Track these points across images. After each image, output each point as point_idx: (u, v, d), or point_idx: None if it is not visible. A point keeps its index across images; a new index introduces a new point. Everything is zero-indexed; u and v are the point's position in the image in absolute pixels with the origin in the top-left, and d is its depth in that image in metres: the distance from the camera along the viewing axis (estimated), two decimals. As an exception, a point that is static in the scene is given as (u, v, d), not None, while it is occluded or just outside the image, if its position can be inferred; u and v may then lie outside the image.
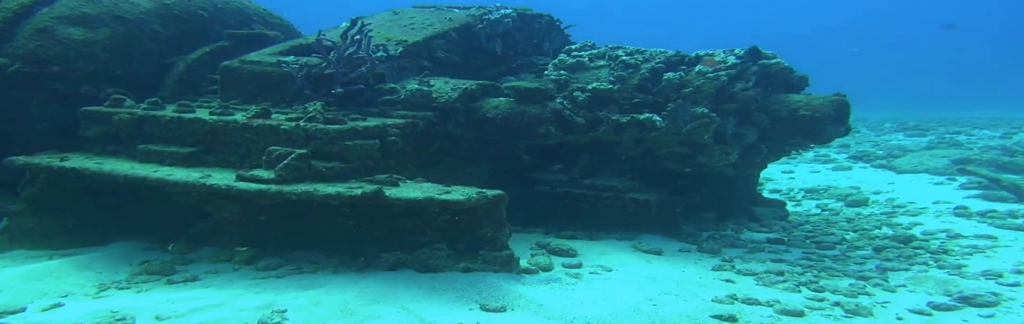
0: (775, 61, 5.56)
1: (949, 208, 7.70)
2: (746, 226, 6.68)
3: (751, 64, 5.52)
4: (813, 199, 8.82)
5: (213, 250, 4.91)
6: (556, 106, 5.17)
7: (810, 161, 12.41)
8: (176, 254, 4.83)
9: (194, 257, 4.80)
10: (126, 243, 5.14)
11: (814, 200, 8.73)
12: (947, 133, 15.98)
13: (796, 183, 10.04)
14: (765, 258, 5.36)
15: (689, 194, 7.18)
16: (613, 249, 5.34)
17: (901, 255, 5.56)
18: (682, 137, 5.46)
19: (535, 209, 6.05)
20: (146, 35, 5.85)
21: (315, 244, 4.76)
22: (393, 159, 4.87)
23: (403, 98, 5.14)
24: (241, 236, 4.81)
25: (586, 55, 6.19)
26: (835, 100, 5.40)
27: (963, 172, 9.75)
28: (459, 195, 3.97)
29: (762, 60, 5.53)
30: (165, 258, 4.73)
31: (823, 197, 8.87)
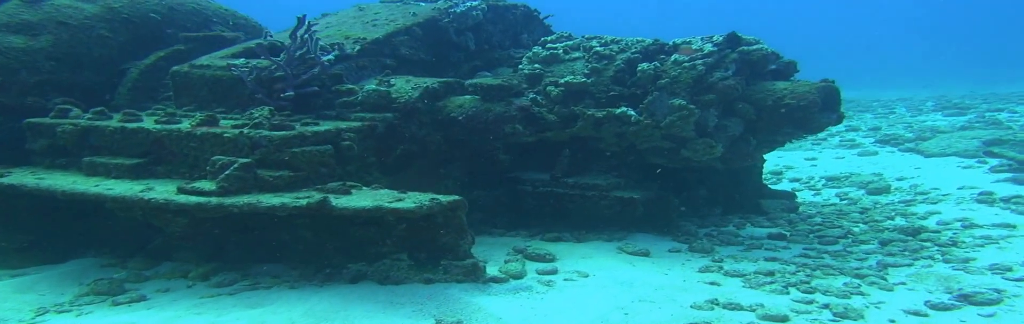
0: (756, 47, 5.41)
1: (973, 194, 7.51)
2: (751, 220, 6.56)
3: (730, 51, 5.38)
4: (834, 187, 8.67)
5: (173, 265, 4.86)
6: (523, 103, 5.07)
7: (835, 146, 12.16)
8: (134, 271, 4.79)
9: (151, 274, 4.71)
10: (85, 260, 5.07)
11: (835, 188, 8.58)
12: (988, 111, 15.53)
13: (818, 170, 9.85)
14: (759, 256, 5.22)
15: (695, 188, 7.12)
16: (596, 252, 5.23)
17: (907, 249, 5.41)
18: (663, 131, 5.34)
19: (521, 210, 5.97)
20: (94, 41, 5.76)
21: (279, 256, 4.68)
22: (352, 164, 4.77)
23: (361, 99, 5.04)
24: (198, 250, 4.75)
25: (561, 47, 6.07)
26: (822, 86, 5.25)
27: (989, 154, 9.55)
28: (411, 203, 3.87)
29: (742, 47, 5.40)
30: (121, 276, 4.64)
31: (844, 185, 8.72)
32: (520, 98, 5.15)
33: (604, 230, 5.88)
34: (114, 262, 4.99)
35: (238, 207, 3.87)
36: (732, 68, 5.33)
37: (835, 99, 5.38)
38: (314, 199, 3.84)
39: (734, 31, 5.47)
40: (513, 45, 6.91)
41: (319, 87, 5.17)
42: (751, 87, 5.44)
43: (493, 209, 6.01)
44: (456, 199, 4.08)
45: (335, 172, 4.58)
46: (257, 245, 4.68)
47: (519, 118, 5.01)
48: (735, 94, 5.26)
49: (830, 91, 5.30)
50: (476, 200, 5.86)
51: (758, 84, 5.45)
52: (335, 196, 4.07)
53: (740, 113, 5.36)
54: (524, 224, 5.97)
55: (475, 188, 5.90)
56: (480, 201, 5.91)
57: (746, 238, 5.91)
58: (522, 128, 5.02)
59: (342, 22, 6.29)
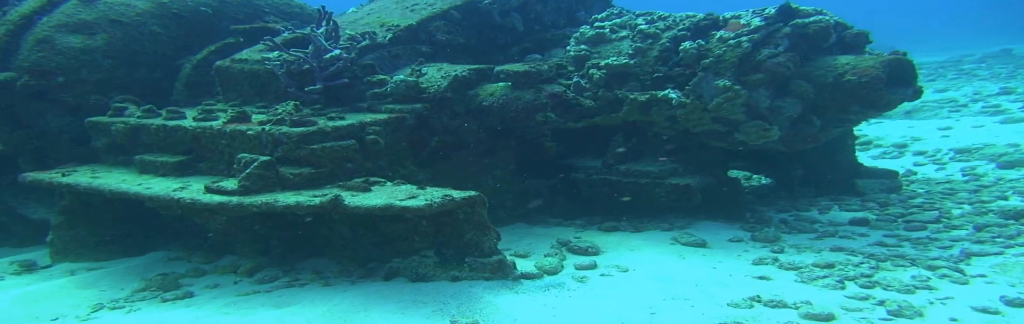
0: (813, 19, 4.98)
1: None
2: (842, 202, 6.21)
3: (781, 25, 4.98)
4: (962, 161, 8.08)
5: (232, 259, 5.02)
6: (555, 90, 4.88)
7: (976, 113, 11.30)
8: (196, 264, 4.99)
9: (211, 268, 4.89)
10: (160, 253, 5.32)
11: (963, 162, 7.99)
12: None
13: (949, 142, 9.17)
14: (826, 246, 4.87)
15: (790, 168, 6.79)
16: (647, 243, 5.03)
17: (1002, 235, 4.92)
18: (711, 114, 5.05)
19: (578, 198, 5.84)
20: (146, 37, 5.91)
21: (325, 251, 4.79)
22: (383, 159, 4.74)
23: (390, 91, 4.99)
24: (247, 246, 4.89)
25: (608, 25, 5.81)
26: (889, 60, 4.80)
27: None
28: (422, 200, 3.81)
29: (796, 19, 4.99)
30: (182, 270, 4.83)
31: (974, 158, 8.10)
32: (551, 84, 4.96)
33: (666, 218, 5.68)
34: (182, 255, 5.20)
35: (256, 206, 3.91)
36: (784, 43, 4.94)
37: (908, 73, 4.92)
38: (327, 198, 3.83)
39: (788, 2, 5.06)
40: (569, 24, 6.67)
41: (350, 78, 5.15)
42: (810, 63, 5.04)
43: (550, 198, 5.90)
44: (472, 195, 3.99)
45: (363, 167, 4.56)
46: (301, 240, 4.76)
47: (550, 106, 4.84)
48: (787, 72, 4.88)
49: (900, 64, 4.84)
50: (530, 189, 5.79)
51: (818, 60, 5.04)
52: (353, 193, 4.06)
53: (797, 92, 4.99)
54: (584, 212, 5.85)
55: (528, 177, 5.81)
56: (535, 190, 5.83)
57: (825, 224, 5.56)
58: (555, 116, 4.85)
59: (384, 8, 6.22)
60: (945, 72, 18.75)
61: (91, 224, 5.21)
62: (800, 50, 5.01)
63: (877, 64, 4.74)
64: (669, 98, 5.03)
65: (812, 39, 5.01)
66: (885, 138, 10.23)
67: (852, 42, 5.22)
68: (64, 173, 5.06)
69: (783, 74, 4.89)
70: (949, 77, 17.45)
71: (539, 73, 4.86)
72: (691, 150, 5.63)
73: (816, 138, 5.09)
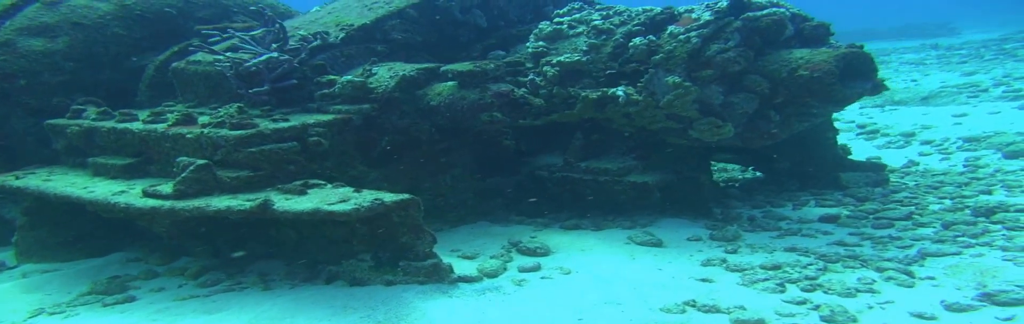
0: (765, 12, 4.91)
1: None
2: (822, 197, 6.18)
3: (732, 19, 4.93)
4: (969, 150, 7.96)
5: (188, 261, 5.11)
6: (502, 88, 4.88)
7: (995, 99, 11.03)
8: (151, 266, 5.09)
9: (164, 270, 4.94)
10: (122, 254, 5.39)
11: (969, 152, 7.88)
12: None
13: (961, 130, 9.00)
14: (783, 245, 4.86)
15: (776, 162, 6.77)
16: (602, 243, 5.01)
17: (966, 233, 4.84)
18: (664, 111, 5.03)
19: (545, 196, 5.87)
20: (109, 39, 5.97)
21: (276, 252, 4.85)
22: (329, 160, 4.77)
23: (337, 91, 5.04)
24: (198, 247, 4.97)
25: (566, 21, 5.80)
26: (844, 54, 4.72)
27: None
28: (351, 204, 3.84)
29: (747, 13, 4.94)
30: (137, 271, 4.91)
31: (981, 147, 7.98)
32: (498, 83, 4.96)
33: (631, 215, 5.66)
34: (142, 257, 5.27)
35: (188, 211, 3.97)
36: (735, 38, 4.88)
37: (866, 66, 4.84)
38: (256, 202, 3.89)
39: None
40: (536, 19, 6.62)
41: (301, 79, 5.19)
42: (765, 58, 4.98)
43: (516, 196, 5.92)
44: (404, 198, 4.01)
45: (307, 169, 4.59)
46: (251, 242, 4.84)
47: (497, 105, 4.84)
48: (737, 68, 4.83)
49: (855, 58, 4.76)
50: (492, 187, 5.82)
51: (774, 54, 4.97)
52: (287, 197, 4.10)
53: (751, 88, 4.93)
54: (553, 210, 5.86)
55: (491, 175, 5.83)
56: (499, 188, 5.85)
57: (793, 221, 5.52)
58: (501, 115, 4.85)
59: (345, 7, 6.23)
60: (984, 52, 18.34)
61: (54, 225, 5.30)
62: (753, 44, 4.95)
63: (830, 58, 4.67)
64: (616, 96, 5.02)
65: (765, 33, 4.95)
66: (894, 126, 10.07)
67: (812, 35, 5.15)
68: (17, 176, 5.18)
69: (734, 69, 4.84)
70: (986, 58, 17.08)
71: (484, 72, 4.86)
72: (653, 146, 5.62)
73: (773, 134, 5.04)
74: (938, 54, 19.83)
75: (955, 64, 16.86)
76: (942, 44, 22.61)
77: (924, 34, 28.21)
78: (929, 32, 28.73)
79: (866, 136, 9.92)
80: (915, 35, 28.39)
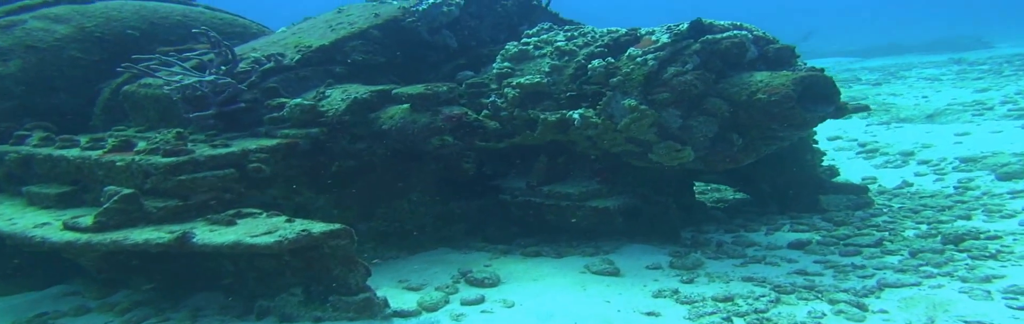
0: (726, 35, 4.78)
1: None
2: (798, 221, 6.02)
3: (691, 41, 4.80)
4: (964, 171, 7.76)
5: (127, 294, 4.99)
6: (453, 112, 4.77)
7: (1000, 117, 10.81)
8: (88, 300, 4.97)
9: (96, 305, 4.78)
10: (63, 287, 5.23)
11: (964, 173, 7.68)
12: None
13: (960, 149, 8.81)
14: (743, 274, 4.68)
15: (757, 184, 6.64)
16: (557, 272, 4.85)
17: (932, 262, 4.67)
18: (623, 134, 4.89)
19: (510, 220, 5.73)
20: (65, 63, 5.90)
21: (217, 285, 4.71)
22: (274, 187, 4.66)
23: (287, 115, 4.95)
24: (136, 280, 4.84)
25: (533, 42, 5.70)
26: (802, 77, 4.57)
27: None
28: (274, 236, 3.70)
29: (707, 35, 4.81)
30: (68, 307, 4.76)
31: (976, 168, 7.78)
32: (451, 106, 4.85)
33: (596, 241, 5.52)
34: (79, 290, 5.16)
35: (105, 245, 3.85)
36: (694, 61, 4.75)
37: (827, 89, 4.69)
38: (174, 236, 3.78)
39: (699, 18, 4.87)
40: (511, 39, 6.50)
41: (252, 102, 5.11)
42: (726, 80, 4.84)
43: (480, 220, 5.79)
44: (334, 229, 3.87)
45: (247, 197, 4.49)
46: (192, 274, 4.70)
47: (449, 128, 4.73)
48: (694, 91, 4.69)
49: (815, 81, 4.62)
50: (455, 211, 5.69)
51: (735, 77, 4.84)
52: (213, 228, 3.99)
53: (710, 111, 4.79)
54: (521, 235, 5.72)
55: (454, 199, 5.70)
56: (462, 212, 5.72)
57: (762, 247, 5.36)
58: (453, 140, 4.73)
59: (311, 27, 6.17)
60: (1005, 68, 18.08)
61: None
62: (713, 67, 4.82)
63: (788, 82, 4.52)
64: (571, 119, 4.89)
65: (726, 55, 4.81)
66: (895, 145, 9.90)
67: (776, 57, 5.01)
68: (-51, 205, 5.09)
69: (692, 92, 4.71)
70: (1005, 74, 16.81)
71: (436, 95, 4.75)
72: (618, 170, 5.47)
73: (736, 158, 4.89)
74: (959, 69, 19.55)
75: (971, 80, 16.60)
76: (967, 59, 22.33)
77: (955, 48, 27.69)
78: (961, 46, 28.20)
79: (866, 155, 9.75)
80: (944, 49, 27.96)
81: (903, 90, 16.13)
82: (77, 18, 6.19)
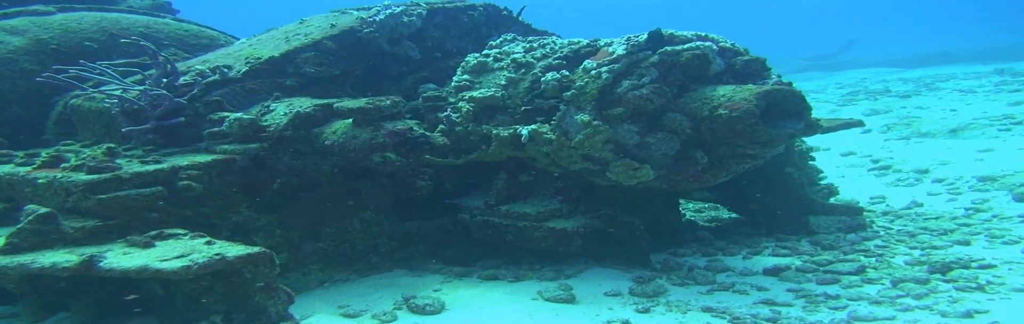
0: (687, 46, 4.61)
1: None
2: (784, 244, 5.80)
3: (651, 53, 4.63)
4: (980, 191, 7.49)
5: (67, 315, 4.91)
6: (398, 127, 4.63)
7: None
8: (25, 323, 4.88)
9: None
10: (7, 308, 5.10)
11: (980, 192, 7.41)
12: None
13: (981, 167, 8.54)
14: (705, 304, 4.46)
15: (747, 204, 6.43)
16: (507, 298, 4.67)
17: (913, 293, 4.41)
18: (578, 151, 4.72)
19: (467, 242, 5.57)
20: (17, 75, 5.93)
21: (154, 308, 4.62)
22: (207, 205, 4.54)
23: (226, 130, 4.85)
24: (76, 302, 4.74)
25: (493, 53, 5.57)
26: (766, 92, 4.37)
27: None
28: (184, 261, 3.59)
29: (666, 47, 4.63)
30: None
31: (993, 188, 7.50)
32: (396, 121, 4.71)
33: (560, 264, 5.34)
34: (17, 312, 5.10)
35: (12, 269, 3.76)
36: (651, 73, 4.58)
37: (795, 104, 4.48)
38: (79, 260, 3.66)
39: (658, 28, 4.70)
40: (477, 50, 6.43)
41: (193, 116, 5.02)
42: (687, 95, 4.66)
43: (441, 241, 5.63)
44: (251, 253, 3.73)
45: (177, 216, 4.38)
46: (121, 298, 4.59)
47: (392, 145, 4.58)
48: (650, 106, 4.51)
49: (782, 95, 4.42)
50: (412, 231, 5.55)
51: (698, 91, 4.66)
52: (128, 251, 3.88)
53: (670, 127, 4.61)
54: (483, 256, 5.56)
55: (411, 218, 5.56)
56: (419, 232, 5.58)
57: (735, 273, 5.14)
58: (395, 156, 4.59)
59: (270, 38, 6.08)
60: None
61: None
62: (674, 80, 4.64)
63: (751, 96, 4.33)
64: (519, 135, 4.74)
65: (687, 68, 4.63)
66: (911, 162, 9.62)
67: (744, 70, 4.81)
68: None
69: (648, 107, 4.53)
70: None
71: (379, 109, 4.61)
72: (585, 188, 5.30)
73: (701, 177, 4.69)
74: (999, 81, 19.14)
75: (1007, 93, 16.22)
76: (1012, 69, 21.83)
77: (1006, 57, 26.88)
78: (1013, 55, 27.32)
79: (877, 172, 9.49)
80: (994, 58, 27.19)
81: (932, 103, 15.79)
82: (33, 30, 6.18)
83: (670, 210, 6.31)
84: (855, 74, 27.52)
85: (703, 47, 4.63)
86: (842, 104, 17.75)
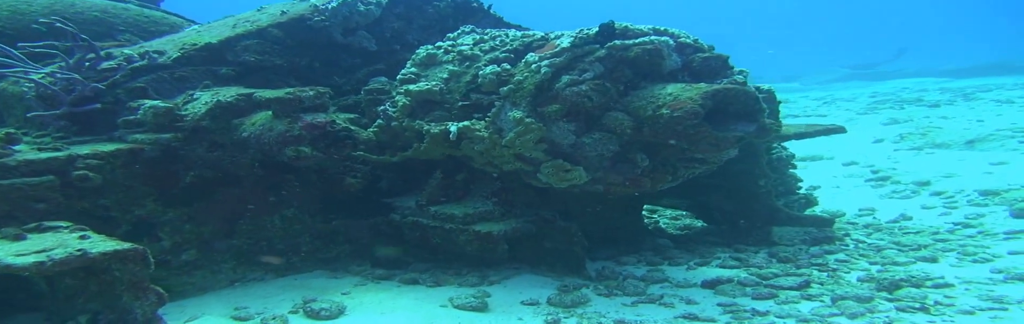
0: (638, 41, 4.15)
1: None
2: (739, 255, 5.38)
3: (598, 47, 4.18)
4: (979, 205, 7.06)
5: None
6: (318, 120, 4.24)
7: None
8: None
9: None
10: None
11: (978, 207, 7.00)
12: None
13: (987, 180, 8.08)
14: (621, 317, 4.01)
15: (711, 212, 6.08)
16: (415, 304, 4.26)
17: (848, 312, 3.98)
18: (510, 150, 4.28)
19: (399, 243, 5.16)
20: (-44, 58, 5.70)
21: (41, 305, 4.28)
22: (107, 197, 4.19)
23: (141, 118, 4.49)
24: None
25: (445, 46, 5.16)
26: (716, 91, 3.90)
27: None
28: (40, 256, 3.24)
29: (615, 41, 4.17)
30: None
31: (993, 203, 7.06)
32: (317, 114, 4.31)
33: (492, 269, 4.96)
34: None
35: None
36: (596, 69, 4.13)
37: (748, 105, 4.01)
38: (-72, 252, 3.31)
39: (611, 20, 4.25)
40: (442, 41, 6.03)
41: (114, 103, 4.67)
42: (635, 93, 4.21)
43: (372, 242, 5.23)
44: (119, 249, 3.35)
45: (73, 207, 4.03)
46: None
47: (308, 138, 4.19)
48: (589, 103, 4.07)
49: (732, 95, 3.95)
50: (340, 231, 5.16)
51: (647, 89, 4.20)
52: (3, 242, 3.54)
53: (610, 127, 4.16)
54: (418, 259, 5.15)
55: (340, 216, 5.17)
56: (348, 232, 5.18)
57: (672, 284, 4.73)
58: (311, 150, 4.19)
59: (222, 25, 5.73)
60: None
61: None
62: (621, 77, 4.19)
63: (697, 96, 3.87)
64: (448, 132, 4.31)
65: (636, 64, 4.19)
66: (914, 173, 9.13)
67: (703, 68, 4.35)
68: None
69: (587, 105, 4.09)
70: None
71: (299, 100, 4.22)
72: (525, 190, 4.87)
73: (639, 182, 4.23)
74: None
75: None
76: (1064, 81, 21.04)
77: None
78: None
79: (874, 183, 9.01)
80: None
81: (960, 113, 15.14)
82: (-19, 10, 5.88)
83: (631, 216, 5.87)
84: (898, 83, 26.63)
85: (657, 42, 4.17)
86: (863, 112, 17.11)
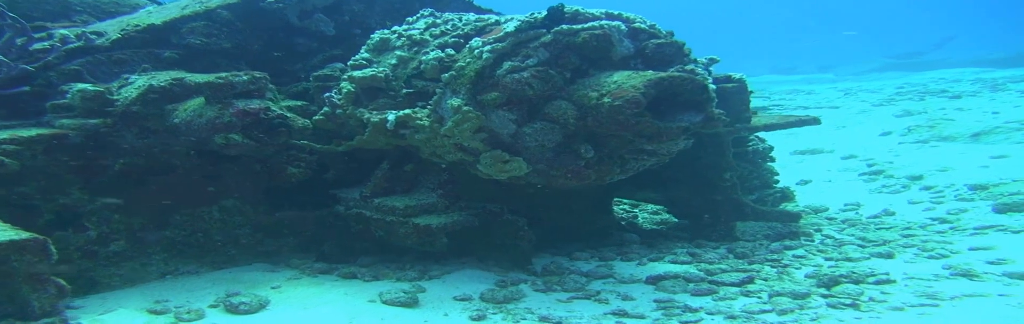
0: (586, 25, 3.90)
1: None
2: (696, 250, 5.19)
3: (544, 32, 3.92)
4: (965, 200, 6.88)
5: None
6: (251, 106, 4.02)
7: None
8: None
9: None
10: None
11: (965, 201, 6.82)
12: None
13: (982, 175, 7.85)
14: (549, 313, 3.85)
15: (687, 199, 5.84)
16: (342, 299, 4.11)
17: (779, 309, 3.81)
18: (450, 140, 4.05)
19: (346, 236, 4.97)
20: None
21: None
22: (27, 185, 4.01)
23: (69, 102, 4.29)
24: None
25: (400, 30, 4.92)
26: (661, 79, 3.65)
27: None
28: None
29: (563, 25, 3.91)
30: None
31: (979, 198, 6.88)
32: (252, 100, 4.09)
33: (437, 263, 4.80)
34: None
35: None
36: (540, 55, 3.89)
37: (696, 95, 3.77)
38: None
39: (561, 3, 3.99)
40: (407, 27, 5.78)
41: (45, 86, 4.47)
42: (581, 81, 3.96)
43: (319, 234, 5.03)
44: (17, 239, 3.19)
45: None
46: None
47: (240, 125, 3.97)
48: (529, 91, 3.83)
49: (679, 84, 3.70)
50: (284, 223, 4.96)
51: (594, 77, 3.95)
52: None
53: (553, 116, 3.91)
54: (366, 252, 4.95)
55: (286, 208, 4.97)
56: (292, 224, 4.98)
57: (616, 280, 4.56)
58: (241, 138, 3.98)
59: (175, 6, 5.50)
60: None
61: None
62: (567, 64, 3.95)
63: (640, 84, 3.63)
64: (386, 120, 4.09)
65: (584, 50, 3.94)
66: (909, 167, 8.90)
67: (656, 55, 4.09)
68: None
69: (528, 93, 3.85)
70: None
71: (231, 85, 4.01)
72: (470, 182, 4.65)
73: (582, 174, 3.99)
74: (1079, 82, 17.94)
75: (1051, 95, 15.15)
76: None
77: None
78: None
79: (867, 177, 8.80)
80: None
81: (979, 105, 14.78)
82: (-73, -12, 5.67)
83: (598, 210, 5.64)
84: (935, 74, 25.93)
85: (607, 27, 3.92)
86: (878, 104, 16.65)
